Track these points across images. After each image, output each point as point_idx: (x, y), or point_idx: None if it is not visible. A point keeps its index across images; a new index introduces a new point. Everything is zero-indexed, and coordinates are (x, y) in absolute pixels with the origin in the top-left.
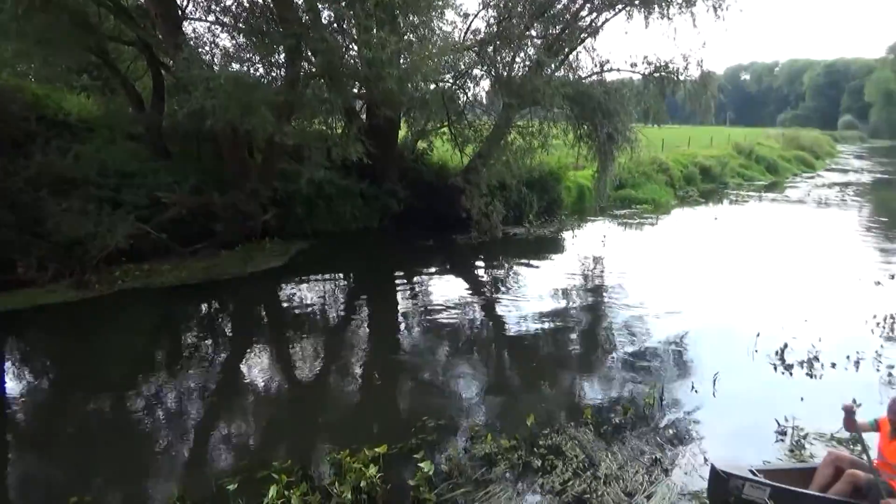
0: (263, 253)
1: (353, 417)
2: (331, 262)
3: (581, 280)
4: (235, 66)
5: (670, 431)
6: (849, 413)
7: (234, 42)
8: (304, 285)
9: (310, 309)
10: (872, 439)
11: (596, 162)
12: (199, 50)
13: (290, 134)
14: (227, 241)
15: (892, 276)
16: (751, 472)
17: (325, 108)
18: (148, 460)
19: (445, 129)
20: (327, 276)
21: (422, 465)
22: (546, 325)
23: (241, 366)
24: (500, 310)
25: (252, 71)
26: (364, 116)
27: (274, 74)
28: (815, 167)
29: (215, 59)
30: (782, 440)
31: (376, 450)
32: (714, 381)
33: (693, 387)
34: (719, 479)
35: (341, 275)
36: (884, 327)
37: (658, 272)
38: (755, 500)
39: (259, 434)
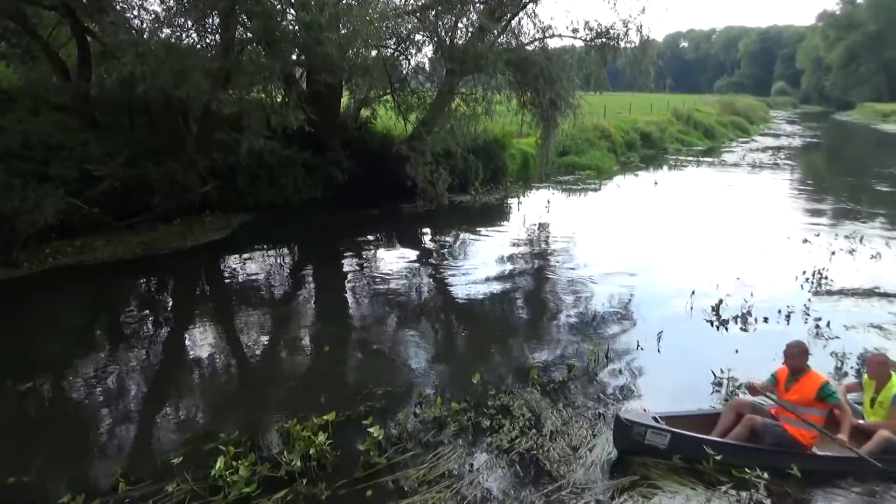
0: (204, 226)
1: (301, 389)
2: (275, 234)
3: (527, 246)
4: (166, 32)
5: (614, 387)
6: (751, 390)
7: (164, 6)
8: (248, 258)
9: (254, 282)
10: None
11: (539, 129)
12: (127, 14)
13: (227, 102)
14: (164, 214)
15: (818, 235)
16: (654, 419)
17: (263, 75)
18: (90, 440)
19: (389, 97)
20: (271, 248)
21: (371, 430)
22: (493, 291)
23: (185, 341)
24: (447, 277)
25: (184, 36)
26: (304, 84)
27: (208, 40)
28: (749, 132)
29: (144, 24)
30: (718, 390)
31: (325, 417)
32: (658, 338)
33: (638, 344)
34: (623, 427)
35: (286, 247)
36: (812, 283)
37: (602, 236)
38: (656, 445)
39: (205, 409)
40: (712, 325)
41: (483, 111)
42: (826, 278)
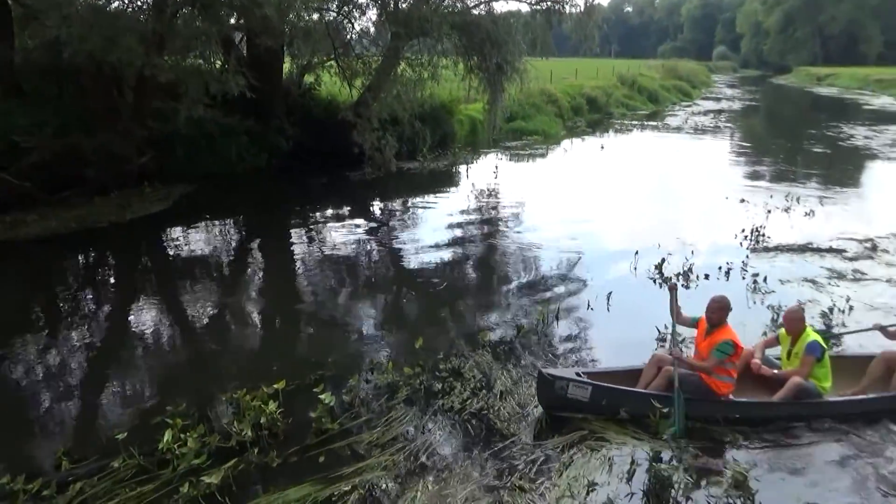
0: (143, 198)
1: (250, 360)
2: (218, 205)
3: (476, 212)
4: None
5: (564, 345)
6: (672, 290)
7: None
8: (191, 231)
9: (199, 255)
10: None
11: (486, 94)
12: None
13: (163, 68)
14: (100, 187)
15: (756, 195)
16: (577, 374)
17: (200, 40)
18: (30, 420)
19: (333, 63)
20: (215, 219)
21: (322, 397)
22: (443, 258)
23: (129, 317)
24: (397, 245)
25: None
26: (244, 49)
27: (140, 2)
28: (692, 96)
29: None
30: (663, 345)
31: (275, 386)
32: (608, 297)
33: (589, 304)
34: (545, 382)
35: (230, 218)
36: (750, 240)
37: (550, 201)
38: (579, 398)
39: (151, 384)
40: (655, 282)
41: (429, 76)
42: (763, 236)
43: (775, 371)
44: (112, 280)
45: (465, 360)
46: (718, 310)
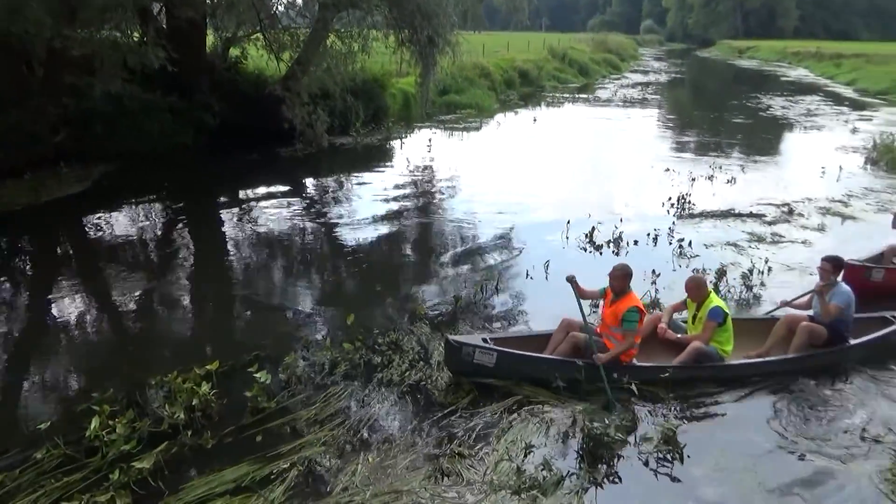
0: (59, 179)
1: (181, 343)
2: (142, 184)
3: (411, 187)
4: None
5: (500, 314)
6: (570, 281)
7: None
8: (114, 212)
9: (123, 238)
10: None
11: (418, 68)
12: None
13: (76, 41)
14: (12, 167)
15: (682, 163)
16: (483, 340)
17: (115, 11)
18: None
19: (259, 35)
20: (139, 199)
21: (258, 375)
22: (380, 234)
23: (49, 304)
24: (332, 222)
25: None
26: (164, 21)
27: None
28: (620, 69)
29: None
30: (595, 311)
31: (207, 368)
32: (546, 266)
33: (528, 273)
34: (452, 349)
35: (155, 198)
36: (676, 207)
37: (484, 174)
38: (485, 364)
39: (75, 372)
40: (585, 251)
41: (359, 48)
42: (689, 203)
43: (679, 335)
44: (29, 266)
45: (404, 334)
46: (621, 277)
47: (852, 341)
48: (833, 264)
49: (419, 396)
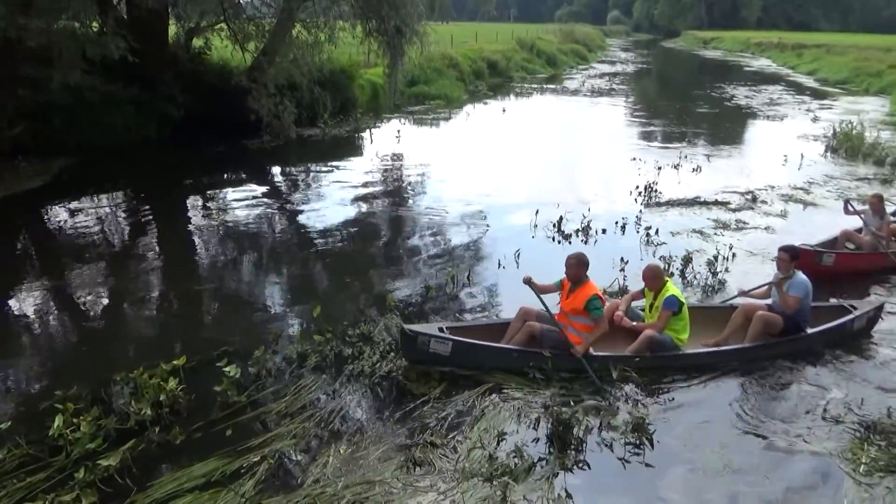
0: (17, 173)
1: (147, 340)
2: (105, 179)
3: (381, 178)
4: None
5: (472, 304)
6: (527, 283)
7: None
8: (76, 207)
9: (86, 233)
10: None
11: (386, 58)
12: None
13: (32, 31)
14: None
15: (649, 153)
16: (439, 329)
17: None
18: None
19: (223, 26)
20: (102, 194)
21: (227, 370)
22: (349, 226)
23: (9, 302)
24: (301, 215)
25: None
26: (124, 11)
27: None
28: (588, 60)
29: None
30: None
31: (174, 363)
32: (517, 255)
33: (500, 263)
34: (408, 338)
35: (119, 192)
36: (643, 196)
37: (454, 165)
38: (440, 353)
39: (37, 370)
40: (554, 240)
41: (326, 38)
42: (656, 192)
43: (634, 324)
44: None
45: (375, 325)
46: (575, 266)
47: (810, 330)
48: (790, 254)
49: (390, 387)
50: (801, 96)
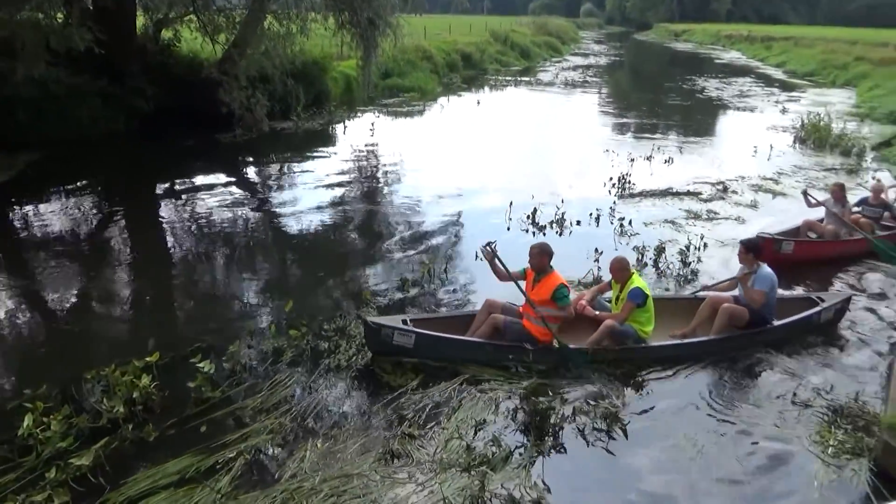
0: None
1: (119, 337)
2: (72, 173)
3: (356, 172)
4: None
5: (448, 295)
6: (486, 253)
7: None
8: (42, 202)
9: (54, 229)
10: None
11: (360, 50)
12: None
13: None
14: None
15: (622, 145)
16: (403, 321)
17: None
18: None
19: (193, 17)
20: (70, 189)
21: (201, 365)
22: (324, 220)
23: None
24: (275, 208)
25: None
26: (89, 1)
27: None
28: (561, 52)
29: None
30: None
31: (147, 359)
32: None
33: (477, 255)
34: (371, 330)
35: (88, 187)
36: (617, 187)
37: (429, 158)
38: (404, 345)
39: (6, 370)
40: (528, 232)
41: (298, 30)
42: (629, 183)
43: (597, 313)
44: None
45: (351, 319)
46: (538, 255)
47: (776, 322)
48: (745, 247)
49: (367, 380)
50: (771, 88)
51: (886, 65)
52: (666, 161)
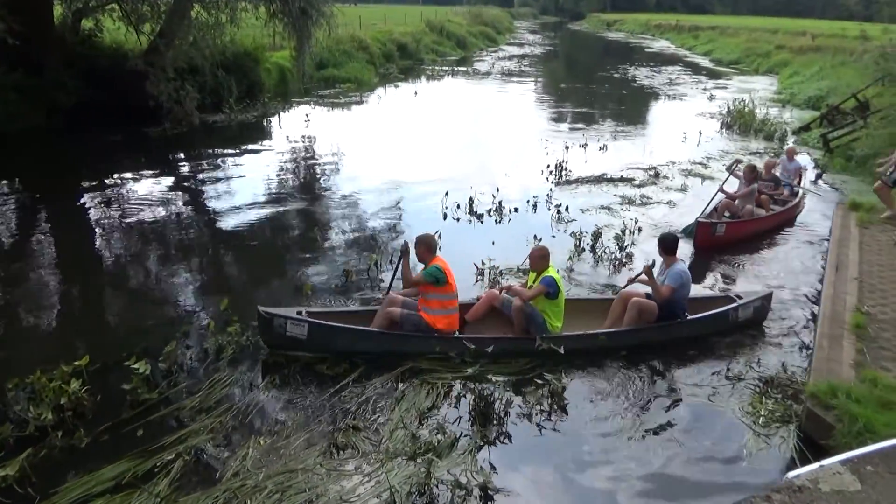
0: None
1: (44, 342)
2: None
3: (293, 165)
4: None
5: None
6: (404, 253)
7: None
8: None
9: None
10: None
11: (293, 40)
12: None
13: None
14: None
15: (558, 133)
16: (297, 312)
17: None
18: None
19: (115, 6)
20: None
21: (136, 367)
22: (262, 214)
23: None
24: (209, 204)
25: None
26: None
27: None
28: (497, 42)
29: None
30: (481, 279)
31: (76, 363)
32: (437, 236)
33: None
34: (264, 320)
35: (6, 185)
36: (553, 175)
37: (366, 149)
38: (297, 335)
39: None
40: (469, 221)
41: (227, 20)
42: (565, 171)
43: (504, 294)
44: None
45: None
46: (419, 245)
47: (690, 317)
48: (664, 245)
49: (309, 375)
50: (698, 76)
51: (804, 52)
52: (601, 148)
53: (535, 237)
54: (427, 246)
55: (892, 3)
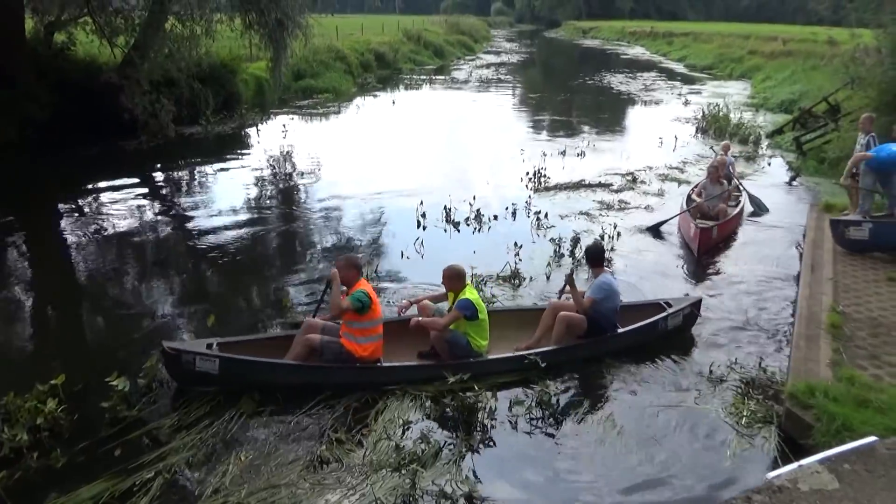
0: None
1: (19, 362)
2: None
3: (272, 176)
4: None
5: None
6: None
7: None
8: None
9: None
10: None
11: (269, 51)
12: None
13: None
14: None
15: (536, 141)
16: (207, 346)
17: None
18: None
19: (88, 19)
20: None
21: (115, 384)
22: (241, 227)
23: None
24: (187, 218)
25: None
26: None
27: None
28: (474, 50)
29: None
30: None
31: (52, 382)
32: (418, 244)
33: (403, 254)
34: (170, 357)
35: None
36: (532, 182)
37: (346, 160)
38: (208, 371)
39: None
40: (446, 231)
41: (203, 32)
42: (544, 178)
43: (420, 319)
44: None
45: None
46: (344, 268)
47: (621, 329)
48: (588, 257)
49: (290, 389)
50: (673, 82)
51: (776, 57)
52: (578, 155)
53: (515, 244)
54: (357, 268)
55: (859, 9)
